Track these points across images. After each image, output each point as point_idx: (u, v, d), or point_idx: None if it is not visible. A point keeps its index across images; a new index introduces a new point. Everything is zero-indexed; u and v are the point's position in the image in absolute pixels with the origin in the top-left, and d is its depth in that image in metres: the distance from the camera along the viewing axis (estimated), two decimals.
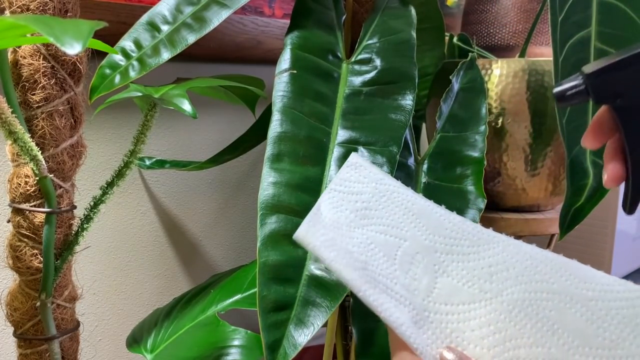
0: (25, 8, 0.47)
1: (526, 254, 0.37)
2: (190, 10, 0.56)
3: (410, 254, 0.37)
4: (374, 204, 0.38)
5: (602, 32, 0.58)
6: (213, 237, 0.92)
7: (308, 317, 0.46)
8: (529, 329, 0.34)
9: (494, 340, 0.34)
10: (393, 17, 0.63)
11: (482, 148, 0.65)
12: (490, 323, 0.34)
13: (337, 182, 0.39)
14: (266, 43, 0.89)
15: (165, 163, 0.80)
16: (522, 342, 0.33)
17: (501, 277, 0.36)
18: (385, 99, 0.57)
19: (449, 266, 0.37)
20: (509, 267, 0.37)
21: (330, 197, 0.39)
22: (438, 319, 0.35)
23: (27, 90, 0.49)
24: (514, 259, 0.37)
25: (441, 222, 0.38)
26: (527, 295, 0.35)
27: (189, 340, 0.60)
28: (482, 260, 0.37)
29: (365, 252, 0.36)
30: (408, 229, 0.38)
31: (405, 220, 0.38)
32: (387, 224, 0.38)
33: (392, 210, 0.38)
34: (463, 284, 0.36)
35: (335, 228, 0.37)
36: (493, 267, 0.37)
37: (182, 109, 0.51)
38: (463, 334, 0.34)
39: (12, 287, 0.53)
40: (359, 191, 0.39)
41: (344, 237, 0.37)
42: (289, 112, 0.54)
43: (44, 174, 0.48)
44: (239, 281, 0.66)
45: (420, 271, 0.36)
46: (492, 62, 0.80)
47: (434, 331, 0.34)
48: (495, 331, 0.34)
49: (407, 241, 0.37)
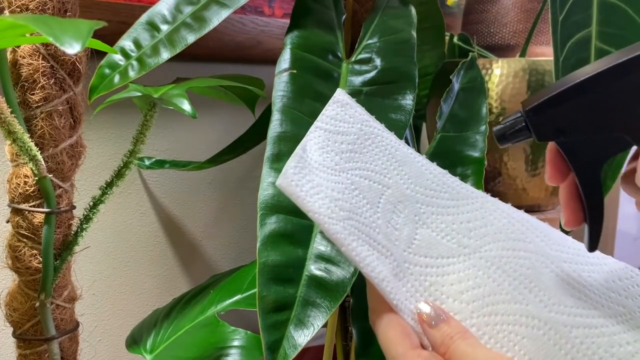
0: (24, 8, 0.47)
1: (503, 212, 0.37)
2: (189, 9, 0.56)
3: (392, 202, 0.36)
4: (358, 147, 0.37)
5: (603, 32, 0.58)
6: (213, 237, 0.92)
7: (308, 318, 0.46)
8: (506, 286, 0.33)
9: (472, 295, 0.33)
10: (393, 17, 0.63)
11: (482, 148, 0.65)
12: (469, 278, 0.34)
13: (323, 119, 0.37)
14: (266, 43, 0.89)
15: (165, 163, 0.80)
16: (500, 298, 0.33)
17: (479, 233, 0.36)
18: (385, 98, 0.57)
19: (429, 218, 0.36)
20: (487, 224, 0.36)
21: (316, 136, 0.37)
22: (417, 271, 0.34)
23: (26, 90, 0.48)
24: (491, 215, 0.37)
25: (422, 172, 0.38)
26: (505, 252, 0.35)
27: (189, 340, 0.60)
28: (461, 215, 0.37)
29: (349, 200, 0.34)
30: (391, 176, 0.37)
31: (389, 166, 0.37)
32: (371, 169, 0.37)
33: (377, 155, 0.37)
34: (442, 237, 0.35)
35: (320, 172, 0.35)
36: (471, 223, 0.36)
37: (182, 109, 0.51)
38: (442, 287, 0.33)
39: (12, 288, 0.52)
40: (345, 131, 0.37)
41: (329, 182, 0.35)
42: (289, 112, 0.54)
43: (43, 174, 0.48)
44: (238, 281, 0.66)
45: (401, 221, 0.35)
46: (492, 62, 0.80)
47: (413, 284, 0.33)
48: (474, 286, 0.33)
49: (390, 189, 0.36)
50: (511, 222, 0.37)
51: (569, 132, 0.31)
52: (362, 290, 0.59)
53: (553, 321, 0.32)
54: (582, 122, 0.30)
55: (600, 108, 0.30)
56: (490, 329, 0.32)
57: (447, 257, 0.35)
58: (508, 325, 0.32)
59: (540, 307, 0.33)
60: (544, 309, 0.33)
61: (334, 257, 0.49)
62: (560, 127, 0.31)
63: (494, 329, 0.32)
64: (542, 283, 0.34)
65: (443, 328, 0.31)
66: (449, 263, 0.35)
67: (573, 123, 0.30)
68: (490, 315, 0.32)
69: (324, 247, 0.49)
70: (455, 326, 0.31)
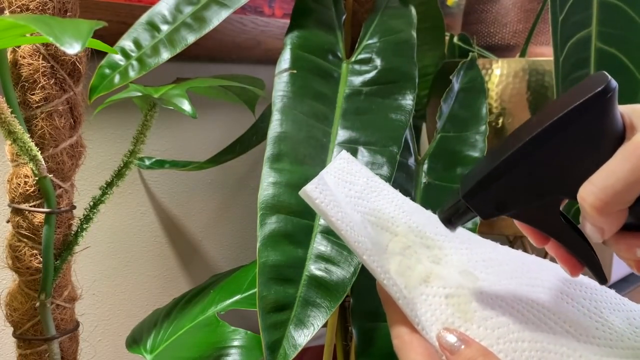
0: (24, 8, 0.47)
1: (517, 256, 0.37)
2: (189, 10, 0.56)
3: (400, 247, 0.36)
4: (366, 196, 0.37)
5: (603, 32, 0.58)
6: (213, 237, 0.92)
7: (308, 318, 0.46)
8: (531, 316, 0.33)
9: (497, 322, 0.32)
10: (393, 17, 0.63)
11: (482, 148, 0.65)
12: (493, 307, 0.33)
13: (330, 170, 0.38)
14: (266, 43, 0.89)
15: (165, 163, 0.80)
16: (526, 327, 0.32)
17: (496, 270, 0.36)
18: (385, 98, 0.57)
19: (443, 259, 0.36)
20: (502, 264, 0.36)
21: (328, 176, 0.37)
22: (437, 301, 0.33)
23: (26, 90, 0.48)
24: (506, 257, 0.37)
25: (432, 221, 0.38)
26: (524, 287, 0.35)
27: (189, 340, 0.60)
28: (476, 255, 0.36)
29: (362, 235, 0.35)
30: (399, 225, 0.37)
31: (396, 215, 0.37)
32: (379, 217, 0.37)
33: (384, 206, 0.37)
34: (459, 273, 0.35)
35: (336, 197, 0.35)
36: (487, 262, 0.36)
37: (182, 109, 0.51)
38: (465, 314, 0.33)
39: (12, 288, 0.52)
40: (352, 181, 0.38)
41: (348, 210, 0.35)
42: (289, 112, 0.54)
43: (44, 174, 0.48)
44: (238, 281, 0.66)
45: (412, 262, 0.35)
46: (492, 62, 0.80)
47: (433, 313, 0.33)
48: (497, 314, 0.33)
49: (398, 236, 0.36)
50: (525, 263, 0.37)
51: (510, 206, 0.31)
52: (362, 291, 0.59)
53: (582, 349, 0.31)
54: (518, 195, 0.31)
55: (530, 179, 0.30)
56: (518, 355, 0.31)
57: (466, 287, 0.34)
58: (537, 352, 0.31)
59: (568, 337, 0.32)
60: (572, 338, 0.32)
61: (334, 257, 0.49)
62: (499, 203, 0.31)
63: (522, 355, 0.31)
64: (566, 315, 0.33)
65: (464, 352, 0.31)
66: (470, 292, 0.34)
67: (510, 197, 0.31)
68: (517, 341, 0.32)
69: (324, 247, 0.49)
70: (476, 349, 0.31)
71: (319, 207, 0.34)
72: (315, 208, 0.34)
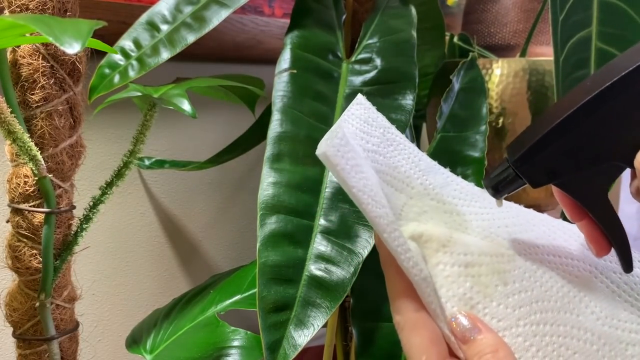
0: (24, 7, 0.47)
1: (542, 220, 0.35)
2: (189, 9, 0.56)
3: (415, 212, 0.32)
4: (382, 150, 0.34)
5: (603, 32, 0.58)
6: (213, 237, 0.92)
7: (308, 318, 0.46)
8: (555, 292, 0.30)
9: (519, 300, 0.30)
10: (393, 17, 0.63)
11: (482, 148, 0.65)
12: (515, 280, 0.30)
13: (347, 116, 0.34)
14: (266, 43, 0.89)
15: (165, 163, 0.80)
16: (549, 306, 0.30)
17: (520, 238, 0.33)
18: (385, 98, 0.57)
19: (461, 225, 0.32)
20: (527, 230, 0.33)
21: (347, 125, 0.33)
22: (456, 271, 0.30)
23: (26, 90, 0.48)
24: (530, 222, 0.34)
25: (449, 183, 0.35)
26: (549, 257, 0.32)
27: (189, 340, 0.60)
28: (498, 221, 0.33)
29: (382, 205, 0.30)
30: (414, 186, 0.33)
31: (412, 175, 0.34)
32: (394, 176, 0.33)
33: (399, 162, 0.34)
34: (481, 239, 0.32)
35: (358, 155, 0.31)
36: (510, 228, 0.33)
37: (182, 108, 0.51)
38: (485, 288, 0.30)
39: (11, 288, 0.52)
40: (369, 132, 0.34)
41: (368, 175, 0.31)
42: (288, 112, 0.54)
43: (43, 174, 0.48)
44: (238, 282, 0.66)
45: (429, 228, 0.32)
46: (492, 62, 0.80)
47: (450, 286, 0.29)
48: (520, 289, 0.30)
49: (413, 199, 0.33)
50: (551, 229, 0.34)
51: (562, 173, 0.30)
52: (362, 290, 0.59)
53: (607, 336, 0.30)
54: (572, 161, 0.29)
55: (586, 143, 0.29)
56: (538, 340, 0.29)
57: (489, 255, 0.31)
58: (558, 337, 0.29)
59: (592, 320, 0.30)
60: (596, 321, 0.30)
61: (334, 257, 0.49)
62: (551, 170, 0.30)
63: (542, 340, 0.29)
64: (592, 293, 0.31)
65: (474, 345, 0.28)
66: (492, 262, 0.31)
67: (563, 163, 0.29)
68: (539, 324, 0.29)
69: (324, 247, 0.49)
70: (487, 344, 0.28)
71: (339, 174, 0.29)
72: (335, 174, 0.29)
